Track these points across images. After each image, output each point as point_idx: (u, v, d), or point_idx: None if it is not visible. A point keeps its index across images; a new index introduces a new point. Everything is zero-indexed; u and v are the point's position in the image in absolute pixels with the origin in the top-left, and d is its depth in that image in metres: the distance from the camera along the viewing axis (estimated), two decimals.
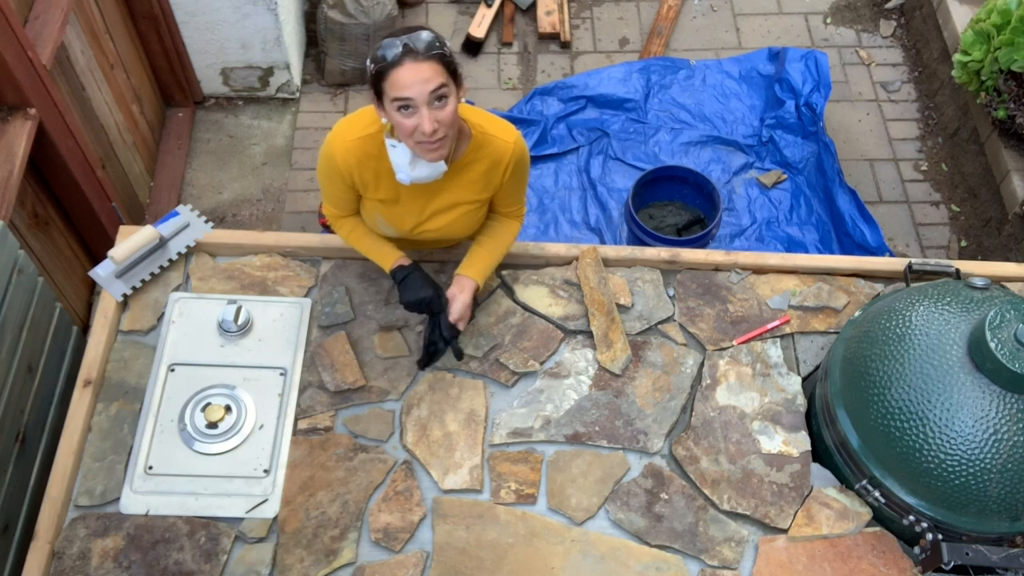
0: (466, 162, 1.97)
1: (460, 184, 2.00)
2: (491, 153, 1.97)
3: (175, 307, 2.20)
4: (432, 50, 1.73)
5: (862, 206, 3.45)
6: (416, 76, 1.72)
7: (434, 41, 1.74)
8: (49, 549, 1.89)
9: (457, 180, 1.99)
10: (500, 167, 1.99)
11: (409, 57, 1.72)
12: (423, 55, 1.72)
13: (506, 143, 1.97)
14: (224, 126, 3.81)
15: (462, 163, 1.97)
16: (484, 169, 1.99)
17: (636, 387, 2.14)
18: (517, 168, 2.02)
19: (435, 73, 1.73)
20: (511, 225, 2.18)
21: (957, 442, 1.77)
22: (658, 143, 3.76)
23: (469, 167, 1.98)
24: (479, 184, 2.01)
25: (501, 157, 1.98)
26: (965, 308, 1.88)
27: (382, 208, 2.05)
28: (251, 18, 3.50)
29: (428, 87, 1.73)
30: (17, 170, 2.42)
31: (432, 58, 1.73)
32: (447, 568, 1.92)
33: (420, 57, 1.72)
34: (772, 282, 2.31)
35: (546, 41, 4.14)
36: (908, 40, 4.17)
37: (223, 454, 2.02)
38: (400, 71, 1.72)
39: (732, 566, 1.94)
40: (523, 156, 2.03)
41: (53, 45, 2.61)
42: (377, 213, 2.07)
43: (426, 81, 1.72)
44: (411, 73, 1.72)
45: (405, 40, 1.72)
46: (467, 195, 2.03)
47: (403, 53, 1.72)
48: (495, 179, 2.01)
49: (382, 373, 2.15)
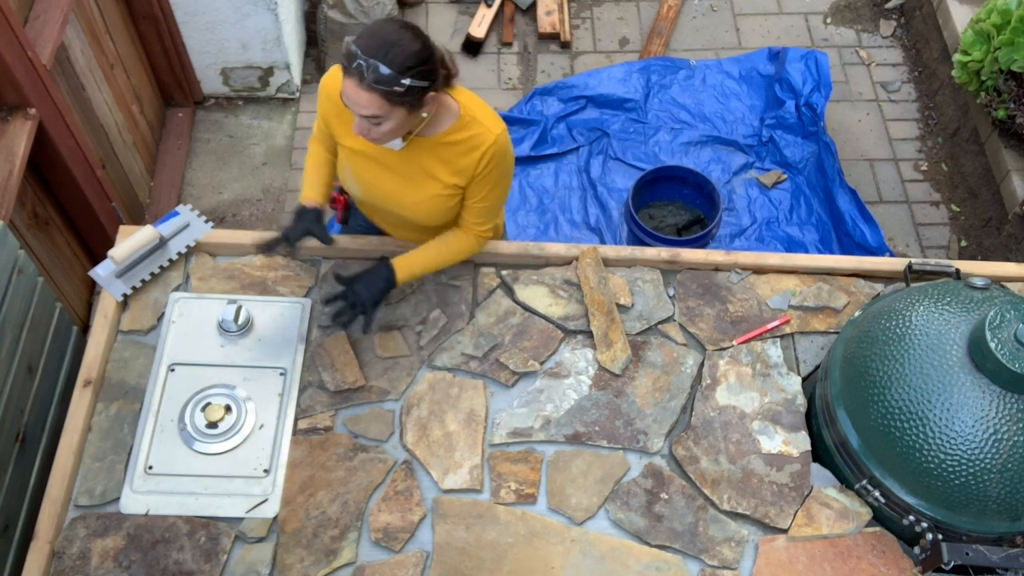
0: (445, 140, 1.97)
1: (436, 158, 2.00)
2: (472, 138, 1.97)
3: (175, 307, 2.20)
4: (380, 84, 1.75)
5: (862, 206, 3.45)
6: (354, 96, 1.79)
7: (386, 80, 1.75)
8: (49, 549, 1.89)
9: (434, 154, 1.99)
10: (477, 154, 1.97)
11: (355, 78, 1.76)
12: (367, 84, 1.75)
13: (490, 132, 1.97)
14: (224, 126, 3.81)
15: (441, 139, 1.97)
16: (461, 152, 1.98)
17: (636, 387, 2.14)
18: (494, 161, 1.99)
19: (371, 103, 1.78)
20: (466, 241, 2.15)
21: (957, 442, 1.77)
22: (658, 143, 3.76)
23: (447, 146, 1.98)
24: (454, 165, 2.00)
25: (480, 144, 1.97)
26: (965, 308, 1.88)
27: (353, 159, 2.07)
28: (251, 18, 3.50)
29: (360, 110, 1.80)
30: (17, 170, 2.42)
31: (373, 91, 1.76)
32: (447, 568, 1.92)
33: (364, 85, 1.76)
34: (772, 282, 2.31)
35: (546, 41, 4.14)
36: (908, 40, 4.17)
37: (223, 454, 2.02)
38: (346, 81, 1.79)
39: (732, 566, 1.94)
40: (504, 152, 2.01)
41: (53, 45, 2.61)
42: (348, 164, 2.09)
43: (360, 106, 1.80)
44: (351, 91, 1.79)
45: (363, 63, 1.74)
46: (441, 173, 2.01)
47: (354, 71, 1.76)
48: (469, 166, 1.99)
49: (382, 373, 2.15)
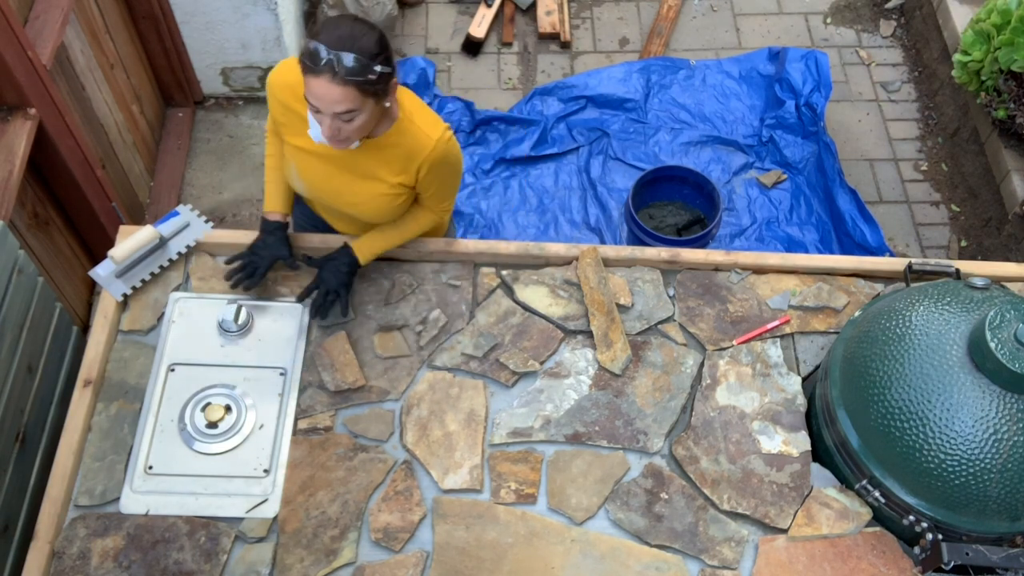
0: (385, 143, 1.99)
1: (378, 160, 2.01)
2: (409, 143, 1.98)
3: (175, 307, 2.20)
4: (351, 76, 1.75)
5: (862, 206, 3.45)
6: (327, 95, 1.77)
7: (356, 66, 1.74)
8: (49, 549, 1.89)
9: (375, 156, 2.01)
10: (417, 160, 1.99)
11: (327, 75, 1.75)
12: (340, 78, 1.74)
13: (428, 138, 1.98)
14: (224, 126, 3.81)
15: (381, 142, 1.99)
16: (401, 155, 2.00)
17: (636, 387, 2.14)
18: (435, 167, 2.01)
19: (345, 97, 1.77)
20: (423, 215, 2.19)
21: (957, 442, 1.77)
22: (658, 143, 3.76)
23: (388, 148, 1.99)
24: (396, 166, 2.01)
25: (419, 151, 1.98)
26: (965, 308, 1.87)
27: (298, 157, 2.07)
28: (251, 18, 3.50)
29: (334, 108, 1.78)
30: (17, 170, 2.42)
31: (348, 84, 1.75)
32: (447, 568, 1.92)
33: (337, 79, 1.75)
34: (772, 282, 2.31)
35: (546, 41, 4.14)
36: (908, 40, 4.17)
37: (223, 454, 2.02)
38: (315, 82, 1.77)
39: (732, 566, 1.94)
40: (445, 156, 2.01)
41: (53, 45, 2.61)
42: (292, 162, 2.09)
43: (334, 103, 1.78)
44: (323, 90, 1.77)
45: (331, 57, 1.73)
46: (385, 174, 2.03)
47: (324, 68, 1.74)
48: (411, 170, 2.02)
49: (382, 373, 2.15)
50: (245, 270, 2.15)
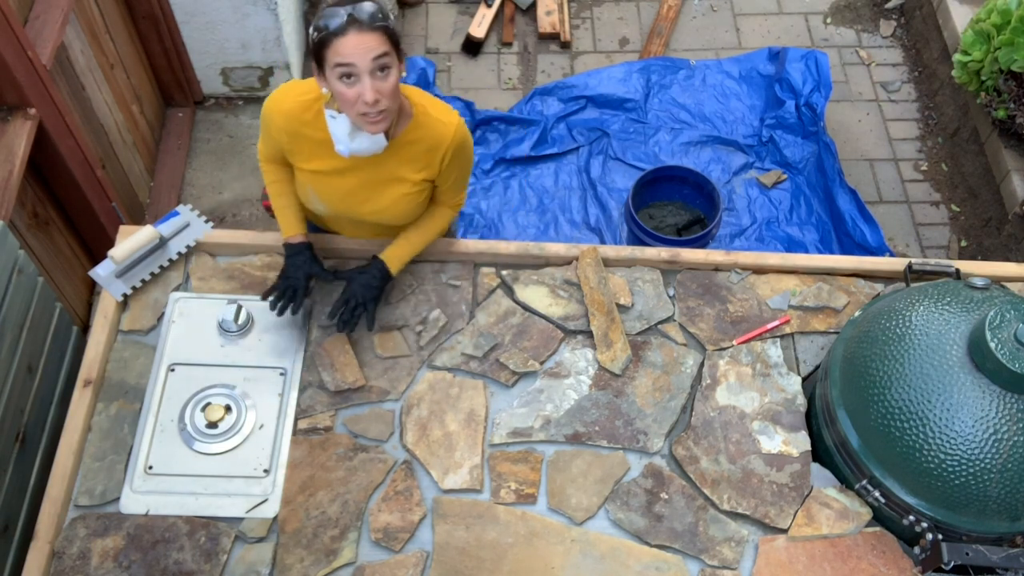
0: (406, 140, 1.99)
1: (400, 160, 2.01)
2: (430, 135, 1.99)
3: (175, 307, 2.20)
4: (376, 21, 1.76)
5: (862, 206, 3.45)
6: (360, 45, 1.75)
7: (377, 12, 1.77)
8: (49, 549, 1.89)
9: (397, 156, 2.01)
10: (440, 150, 2.01)
11: (353, 27, 1.75)
12: (367, 25, 1.75)
13: (447, 125, 1.99)
14: (224, 126, 3.81)
15: (402, 140, 1.99)
16: (423, 149, 2.00)
17: (636, 387, 2.14)
18: (458, 153, 2.03)
19: (379, 43, 1.76)
20: (441, 213, 2.20)
21: (957, 442, 1.77)
22: (658, 143, 3.76)
23: (409, 145, 2.00)
24: (419, 163, 2.02)
25: (441, 140, 2.00)
26: (965, 308, 1.87)
27: (315, 180, 2.06)
28: (251, 18, 3.50)
29: (371, 55, 1.76)
30: (17, 170, 2.42)
31: (376, 29, 1.76)
32: (447, 568, 1.92)
33: (364, 27, 1.75)
34: (772, 282, 2.31)
35: (546, 41, 4.14)
36: (908, 40, 4.17)
37: (223, 454, 2.02)
38: (344, 40, 1.75)
39: (732, 566, 1.94)
40: (464, 141, 2.04)
41: (53, 45, 2.61)
42: (309, 185, 2.08)
43: (369, 50, 1.76)
44: (355, 42, 1.75)
45: (350, 10, 1.75)
46: (408, 172, 2.03)
47: (347, 23, 1.74)
48: (435, 162, 2.02)
49: (382, 373, 2.15)
50: (285, 296, 2.10)
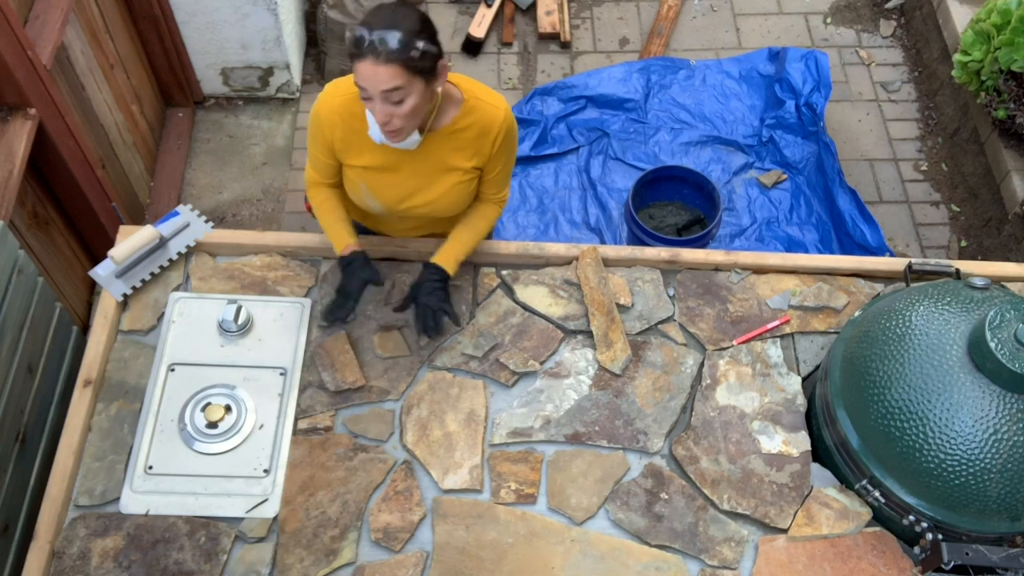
0: (456, 128, 2.00)
1: (450, 149, 2.02)
2: (481, 119, 2.00)
3: (175, 307, 2.20)
4: (393, 56, 1.75)
5: (862, 206, 3.45)
6: (373, 76, 1.78)
7: (399, 46, 1.75)
8: (49, 549, 1.89)
9: (447, 144, 2.01)
10: (491, 134, 2.01)
11: (371, 56, 1.76)
12: (384, 57, 1.76)
13: (497, 108, 2.01)
14: (224, 126, 3.81)
15: (452, 128, 2.00)
16: (474, 135, 2.01)
17: (636, 387, 2.14)
18: (507, 137, 2.04)
19: (391, 76, 1.77)
20: (488, 210, 2.21)
21: (957, 442, 1.77)
22: (658, 143, 3.76)
23: (459, 133, 2.00)
24: (469, 150, 2.03)
25: (491, 123, 2.00)
26: (965, 308, 1.88)
27: (367, 176, 2.07)
28: (251, 18, 3.50)
29: (381, 87, 1.79)
30: (17, 170, 2.42)
31: (392, 62, 1.76)
32: (447, 568, 1.92)
33: (380, 59, 1.76)
34: (772, 282, 2.31)
35: (546, 41, 4.14)
36: (908, 40, 4.17)
37: (223, 454, 2.02)
38: (360, 64, 1.78)
39: (732, 566, 1.94)
40: (513, 127, 2.06)
41: (53, 45, 2.61)
42: (361, 183, 2.09)
43: (381, 82, 1.78)
44: (369, 71, 1.78)
45: (372, 37, 1.75)
46: (459, 160, 2.04)
47: (366, 50, 1.76)
48: (485, 147, 2.03)
49: (382, 373, 2.15)
50: (343, 307, 2.12)
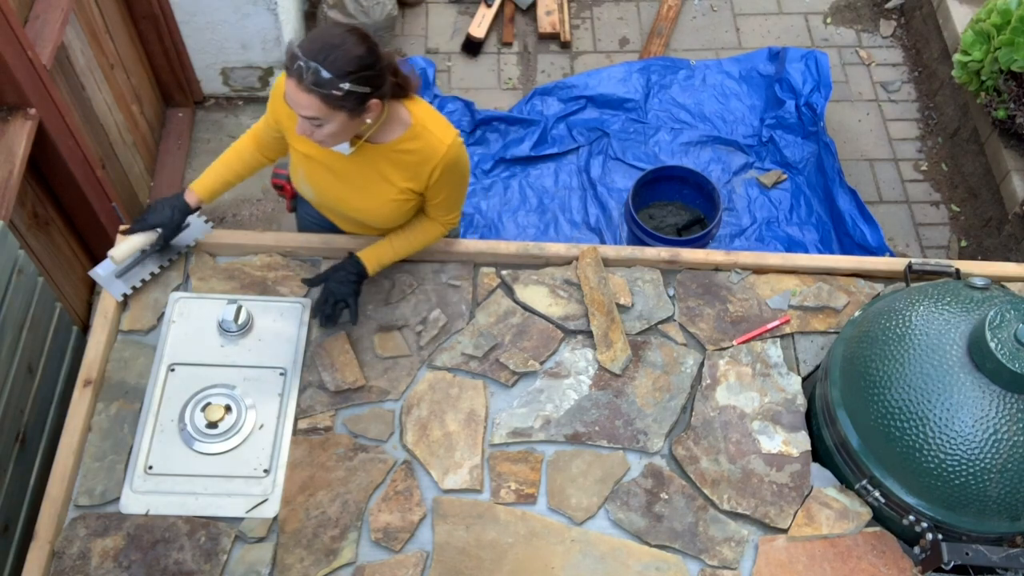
0: (398, 148, 1.99)
1: (390, 164, 2.02)
2: (424, 148, 1.99)
3: (175, 307, 2.20)
4: (314, 87, 1.75)
5: (862, 206, 3.45)
6: (293, 95, 1.80)
7: (322, 82, 1.75)
8: (49, 549, 1.89)
9: (388, 160, 2.01)
10: (430, 164, 2.00)
11: (295, 79, 1.77)
12: (304, 86, 1.76)
13: (440, 142, 1.99)
14: (224, 126, 3.81)
15: (395, 147, 1.99)
16: (414, 161, 2.00)
17: (636, 387, 2.14)
18: (447, 171, 2.01)
19: (309, 104, 1.79)
20: (431, 227, 2.18)
21: (957, 442, 1.77)
22: (658, 143, 3.76)
23: (400, 155, 2.00)
24: (408, 172, 2.02)
25: (432, 155, 1.99)
26: (965, 308, 1.88)
27: (306, 164, 2.09)
28: (251, 18, 3.50)
29: (299, 111, 1.81)
30: (17, 170, 2.42)
31: (312, 93, 1.77)
32: (447, 568, 1.92)
33: (302, 86, 1.77)
34: (772, 282, 2.31)
35: (546, 41, 4.14)
36: (908, 40, 4.17)
37: (223, 454, 2.02)
38: (287, 81, 1.80)
39: (732, 566, 1.94)
40: (456, 161, 2.02)
41: (53, 45, 2.61)
42: (301, 169, 2.11)
43: (299, 106, 1.80)
44: (291, 90, 1.80)
45: (302, 63, 1.75)
46: (396, 178, 2.03)
47: (293, 71, 1.77)
48: (423, 175, 2.02)
49: (382, 373, 2.15)
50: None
